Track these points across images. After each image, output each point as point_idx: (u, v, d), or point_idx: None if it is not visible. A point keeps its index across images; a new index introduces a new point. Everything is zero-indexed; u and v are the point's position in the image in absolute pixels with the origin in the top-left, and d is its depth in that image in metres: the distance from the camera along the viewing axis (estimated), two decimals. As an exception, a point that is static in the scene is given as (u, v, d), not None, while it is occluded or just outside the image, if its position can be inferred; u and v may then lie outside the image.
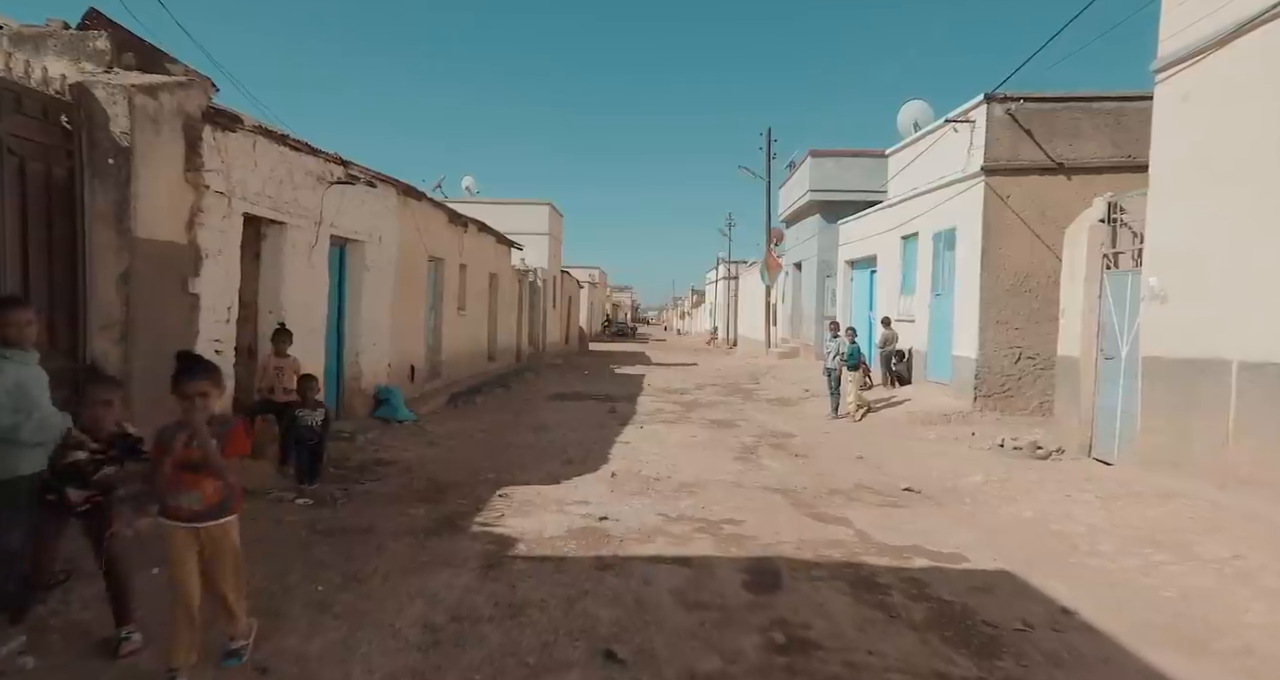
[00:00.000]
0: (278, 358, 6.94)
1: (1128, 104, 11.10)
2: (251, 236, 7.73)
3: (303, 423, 6.51)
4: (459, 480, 7.07)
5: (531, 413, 12.46)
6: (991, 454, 9.29)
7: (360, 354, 10.29)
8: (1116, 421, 8.25)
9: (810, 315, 23.13)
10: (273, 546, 4.89)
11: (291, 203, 7.83)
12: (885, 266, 16.27)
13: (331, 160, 8.64)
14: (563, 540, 5.35)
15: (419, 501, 6.22)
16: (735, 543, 5.41)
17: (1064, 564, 5.04)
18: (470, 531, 5.46)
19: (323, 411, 6.63)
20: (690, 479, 7.58)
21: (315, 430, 6.53)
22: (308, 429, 6.52)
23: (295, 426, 6.51)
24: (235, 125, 6.39)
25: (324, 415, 6.63)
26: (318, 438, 6.55)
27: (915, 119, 15.99)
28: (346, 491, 6.40)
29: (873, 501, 6.91)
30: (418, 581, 4.39)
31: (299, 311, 8.23)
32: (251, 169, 6.91)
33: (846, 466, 8.56)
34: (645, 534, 5.57)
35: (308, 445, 6.53)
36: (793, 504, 6.70)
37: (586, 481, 7.28)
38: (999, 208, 11.48)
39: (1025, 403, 11.52)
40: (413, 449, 8.66)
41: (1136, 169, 10.98)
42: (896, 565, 5.01)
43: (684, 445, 9.67)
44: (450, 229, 14.36)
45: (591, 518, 5.96)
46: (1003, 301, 11.54)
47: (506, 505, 6.24)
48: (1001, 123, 11.42)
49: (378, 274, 10.66)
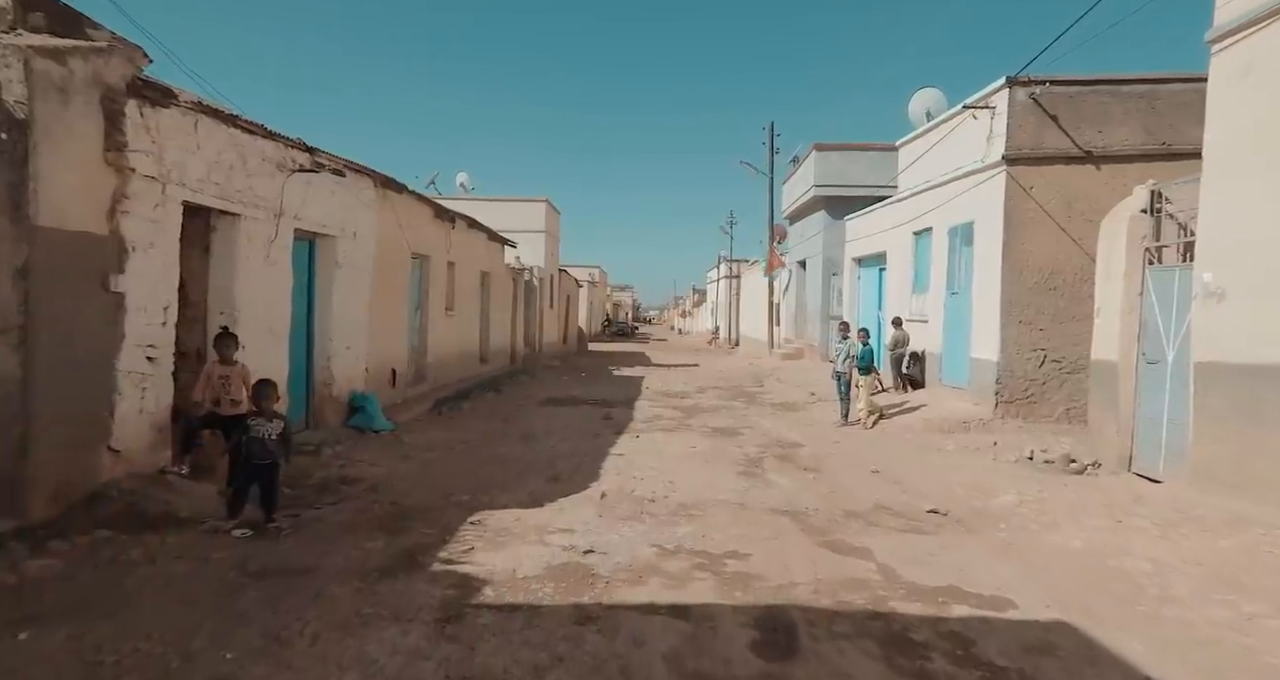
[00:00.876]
0: (223, 365, 6.12)
1: (1161, 87, 10.30)
2: (200, 229, 6.95)
3: (254, 434, 5.40)
4: (428, 503, 6.27)
5: (521, 420, 11.67)
6: (1020, 468, 8.48)
7: (332, 358, 9.50)
8: (1162, 433, 7.44)
9: (815, 315, 22.33)
10: (189, 593, 4.10)
11: (245, 192, 7.04)
12: (895, 264, 15.46)
13: (295, 146, 7.84)
14: (539, 582, 4.56)
15: (378, 531, 5.42)
16: (741, 584, 4.61)
17: (1133, 613, 4.24)
18: (431, 570, 4.66)
19: (280, 424, 5.53)
20: (689, 499, 6.79)
21: (269, 446, 5.43)
22: (259, 444, 5.40)
23: (247, 441, 5.40)
24: (168, 100, 5.59)
25: (282, 428, 5.52)
26: (273, 456, 5.44)
27: (928, 108, 15.16)
28: (296, 519, 5.60)
29: (894, 526, 6.11)
30: (355, 644, 3.60)
31: (257, 312, 7.44)
32: (192, 152, 6.11)
33: (861, 482, 7.76)
34: (636, 573, 4.78)
35: (259, 466, 5.40)
36: (804, 530, 5.91)
37: (573, 504, 6.48)
38: (1022, 199, 10.67)
39: (1050, 409, 10.71)
40: (384, 463, 7.87)
41: (1171, 157, 10.24)
42: (932, 614, 4.22)
43: (683, 457, 8.87)
44: (436, 224, 13.56)
45: (575, 551, 5.16)
46: (1026, 300, 10.72)
47: (478, 535, 5.44)
48: (1025, 108, 10.61)
49: (352, 271, 9.86)
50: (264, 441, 5.41)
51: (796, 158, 24.98)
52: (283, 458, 5.56)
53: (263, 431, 5.44)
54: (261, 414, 5.50)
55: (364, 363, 10.43)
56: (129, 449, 5.51)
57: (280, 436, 5.50)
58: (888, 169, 18.05)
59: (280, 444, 5.51)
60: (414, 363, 13.00)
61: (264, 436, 5.42)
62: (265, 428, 5.46)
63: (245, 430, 5.46)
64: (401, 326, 12.11)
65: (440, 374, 14.08)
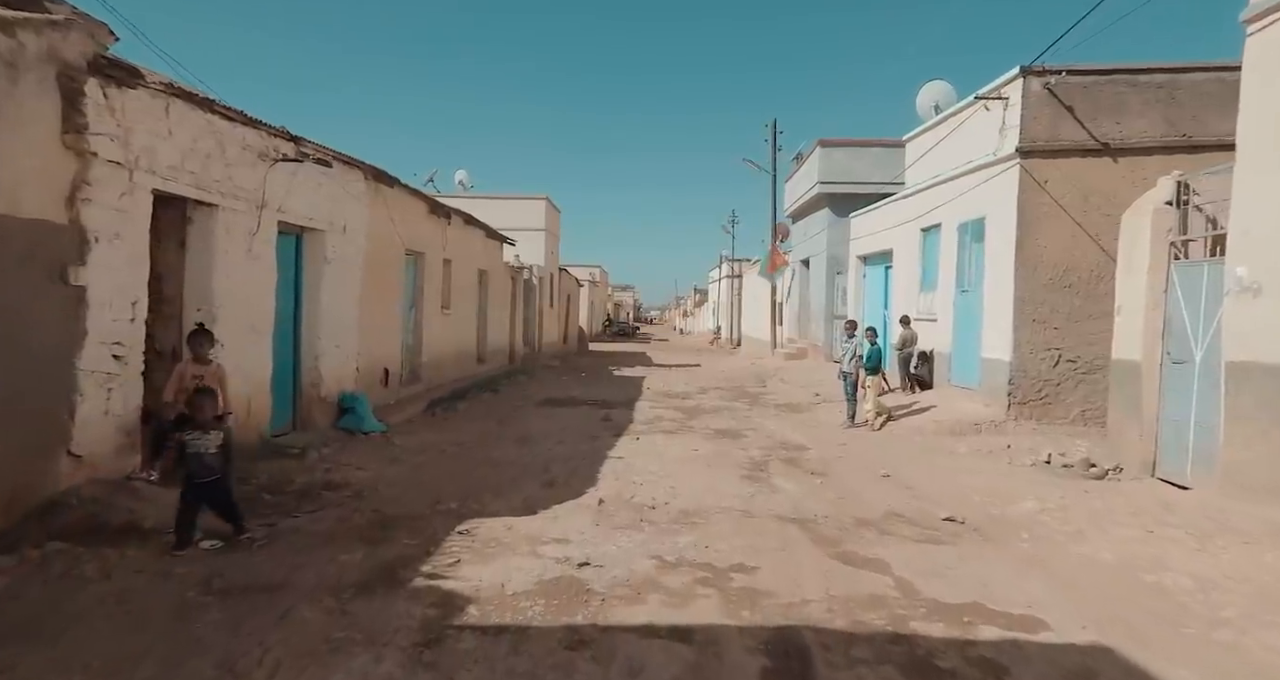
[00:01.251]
0: (196, 364, 5.75)
1: (1181, 76, 9.92)
2: (176, 220, 6.60)
3: (191, 450, 4.83)
4: (414, 511, 5.90)
5: (518, 421, 11.30)
6: (1037, 472, 8.11)
7: (320, 357, 9.14)
8: (1189, 436, 7.06)
9: (819, 314, 21.95)
10: (143, 614, 3.74)
11: (223, 181, 6.68)
12: (902, 261, 15.08)
13: (278, 135, 7.48)
14: (529, 599, 4.19)
15: (357, 542, 5.05)
16: (748, 602, 4.24)
17: (1180, 636, 3.87)
18: (411, 586, 4.29)
19: (220, 435, 4.95)
20: (691, 505, 6.42)
21: (208, 461, 4.85)
22: (197, 460, 4.83)
23: (186, 458, 4.86)
24: (134, 81, 5.22)
25: (222, 440, 4.95)
26: (215, 472, 4.87)
27: (936, 101, 14.79)
28: (271, 528, 5.24)
29: (909, 535, 5.74)
30: (320, 674, 3.23)
31: (237, 308, 7.08)
32: (164, 137, 5.75)
33: (871, 487, 7.39)
34: (635, 588, 4.41)
35: (202, 485, 4.83)
36: (814, 540, 5.54)
37: (568, 511, 6.12)
38: (1036, 193, 10.29)
39: (1065, 411, 10.33)
40: (371, 467, 7.51)
41: (1192, 149, 9.86)
42: (958, 636, 3.85)
43: (684, 460, 8.50)
44: (431, 220, 13.21)
45: (569, 563, 4.80)
46: (1040, 298, 10.34)
47: (466, 546, 5.07)
48: (1039, 99, 10.23)
49: (341, 267, 9.50)
50: (202, 457, 4.85)
51: (800, 155, 24.59)
52: (228, 475, 5.01)
53: (201, 446, 4.87)
54: (198, 426, 4.91)
55: (354, 362, 10.08)
56: (92, 454, 5.15)
57: (221, 448, 4.93)
58: (893, 165, 17.68)
59: (221, 460, 4.93)
60: (408, 362, 12.65)
61: (202, 451, 4.86)
62: (203, 441, 4.88)
63: (182, 447, 4.89)
64: (395, 325, 11.75)
65: (435, 374, 13.72)
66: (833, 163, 20.81)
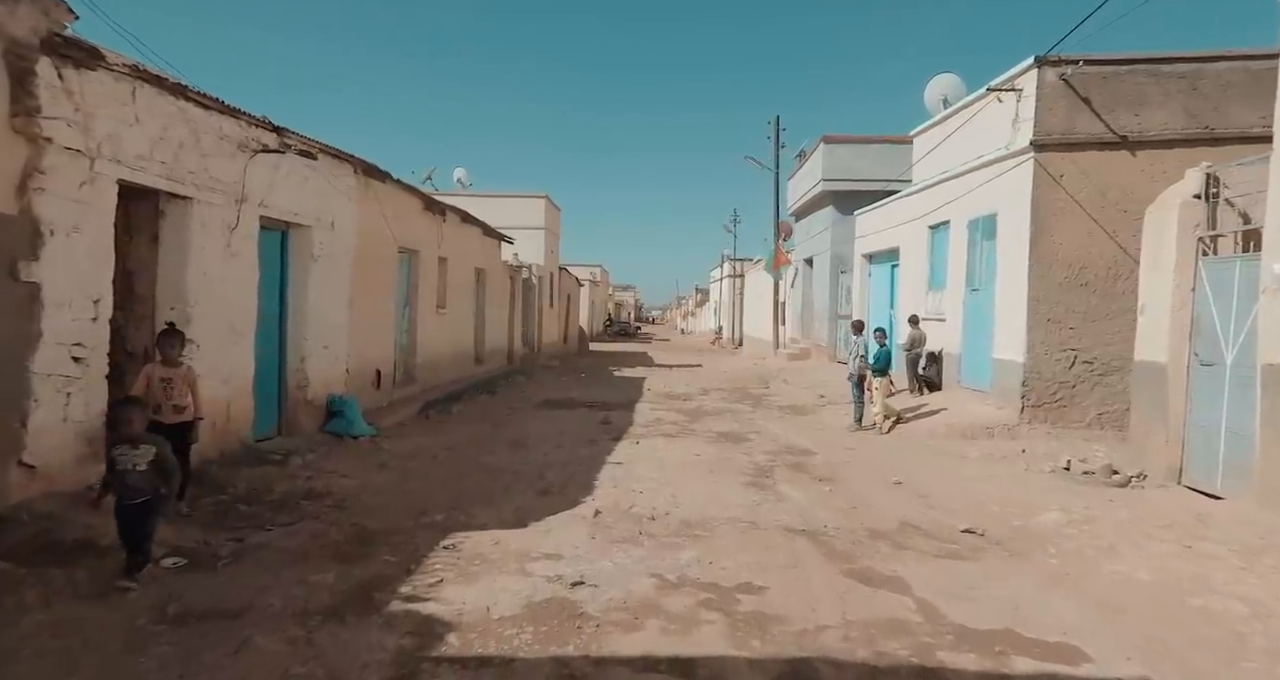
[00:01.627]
0: (165, 366, 5.38)
1: (1205, 66, 9.53)
2: (149, 214, 6.23)
3: (120, 467, 4.16)
4: (396, 523, 5.52)
5: (514, 424, 10.93)
6: (1056, 479, 7.73)
7: (307, 358, 8.77)
8: (1219, 443, 6.68)
9: (823, 314, 21.56)
10: (84, 646, 3.36)
11: (199, 173, 6.30)
12: (909, 260, 14.69)
13: (259, 125, 7.10)
14: (515, 625, 3.82)
15: (332, 559, 4.67)
16: (757, 629, 3.86)
17: (1241, 673, 3.48)
18: (387, 611, 3.92)
19: (150, 450, 4.21)
20: (693, 516, 6.05)
21: (132, 481, 4.14)
22: (121, 479, 4.16)
23: (113, 475, 4.21)
24: (94, 62, 4.84)
25: (154, 456, 4.20)
26: (144, 493, 4.18)
27: (945, 94, 14.39)
28: (240, 543, 4.86)
29: (927, 550, 5.36)
30: (273, 719, 2.86)
31: (215, 307, 6.71)
32: (130, 124, 5.37)
33: (883, 496, 7.02)
34: (632, 612, 4.03)
35: (130, 507, 4.16)
36: (826, 555, 5.16)
37: (562, 523, 5.74)
38: (1050, 189, 9.90)
39: (1081, 414, 9.93)
40: (357, 475, 7.13)
41: (1214, 141, 9.46)
42: (992, 669, 3.47)
43: (686, 466, 8.13)
44: (426, 217, 12.83)
45: (561, 582, 4.43)
46: (1054, 297, 9.95)
47: (450, 563, 4.70)
48: (1055, 90, 9.84)
49: (330, 265, 9.13)
50: (127, 475, 4.14)
51: (803, 152, 24.20)
52: (164, 490, 4.27)
53: (128, 462, 4.16)
54: (125, 439, 4.21)
55: (344, 363, 9.71)
56: (47, 464, 4.78)
57: (153, 464, 4.20)
58: (898, 162, 17.30)
59: (155, 475, 4.21)
60: (401, 363, 12.27)
61: (129, 468, 4.15)
62: (131, 457, 4.17)
63: (110, 466, 4.26)
64: (387, 325, 11.38)
65: (431, 375, 13.35)
66: (837, 159, 20.42)
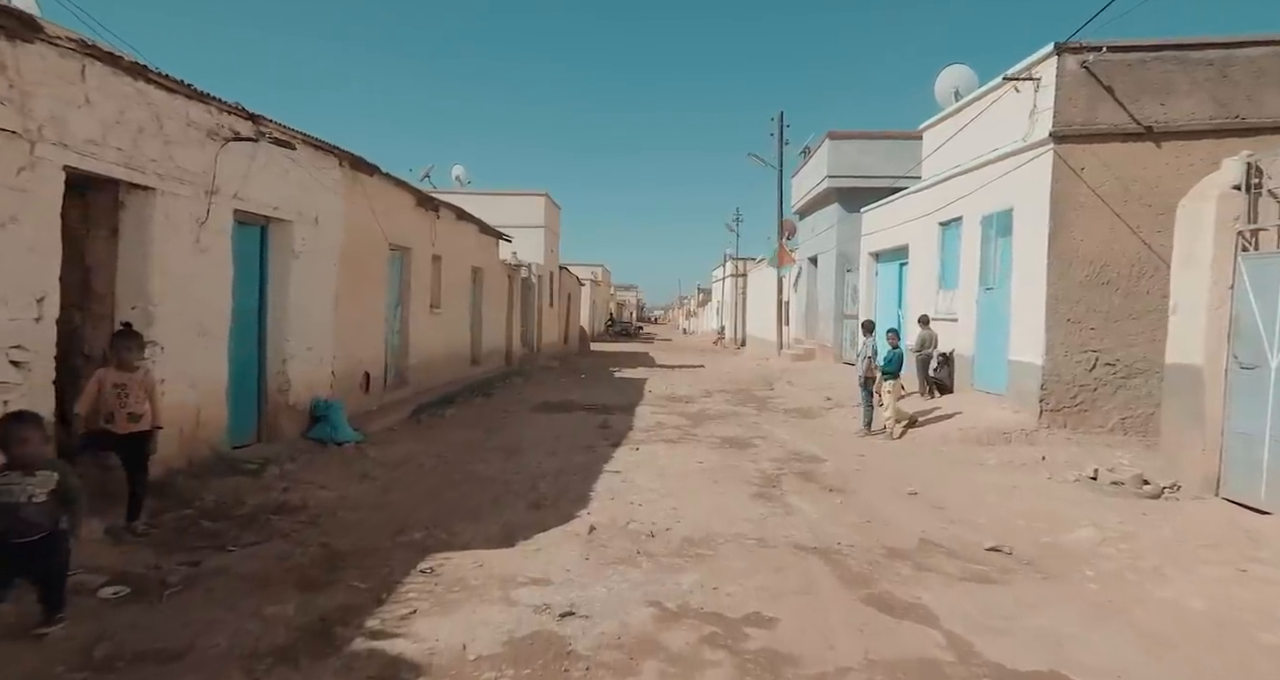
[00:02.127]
0: (120, 371, 4.92)
1: (1236, 52, 9.04)
2: (108, 205, 5.77)
3: (5, 500, 3.41)
4: (371, 543, 5.06)
5: (508, 429, 10.47)
6: (1083, 490, 7.25)
7: (289, 360, 8.30)
8: (1263, 452, 6.20)
9: (828, 313, 21.07)
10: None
11: (162, 161, 5.84)
12: (919, 258, 14.21)
13: (231, 112, 6.64)
14: (494, 666, 3.35)
15: (295, 586, 4.20)
16: (769, 672, 3.39)
17: (1328, 727, 3.02)
18: (349, 651, 3.45)
19: (52, 479, 3.51)
20: (696, 532, 5.59)
21: (25, 514, 3.43)
22: (11, 513, 3.41)
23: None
24: (32, 35, 4.39)
25: (55, 485, 3.50)
26: (39, 529, 3.46)
27: (957, 87, 13.91)
28: (195, 567, 4.40)
29: (951, 571, 4.90)
30: (195, 796, 2.40)
31: (183, 307, 6.25)
32: (79, 106, 4.91)
33: (899, 508, 6.55)
34: (628, 650, 3.57)
35: (18, 546, 3.43)
36: (841, 578, 4.70)
37: (553, 540, 5.27)
38: (1071, 182, 9.42)
39: (1103, 419, 9.45)
40: (336, 486, 6.67)
41: (1245, 132, 8.97)
42: (1040, 724, 3.00)
43: (688, 475, 7.66)
44: (418, 214, 12.37)
45: (549, 613, 3.96)
46: (1075, 296, 9.47)
47: (426, 590, 4.23)
48: (1076, 78, 9.35)
49: (312, 262, 8.66)
50: (18, 508, 3.42)
51: (808, 148, 23.69)
52: (65, 526, 3.58)
53: (17, 494, 3.42)
54: (13, 466, 3.47)
55: (329, 365, 9.24)
56: (-19, 479, 4.32)
57: (54, 495, 3.50)
58: (906, 158, 16.83)
59: (54, 507, 3.51)
60: (393, 365, 11.81)
61: (19, 501, 3.42)
62: (20, 487, 3.44)
63: None
64: (377, 325, 10.91)
65: (425, 377, 12.89)
66: (842, 156, 19.93)
